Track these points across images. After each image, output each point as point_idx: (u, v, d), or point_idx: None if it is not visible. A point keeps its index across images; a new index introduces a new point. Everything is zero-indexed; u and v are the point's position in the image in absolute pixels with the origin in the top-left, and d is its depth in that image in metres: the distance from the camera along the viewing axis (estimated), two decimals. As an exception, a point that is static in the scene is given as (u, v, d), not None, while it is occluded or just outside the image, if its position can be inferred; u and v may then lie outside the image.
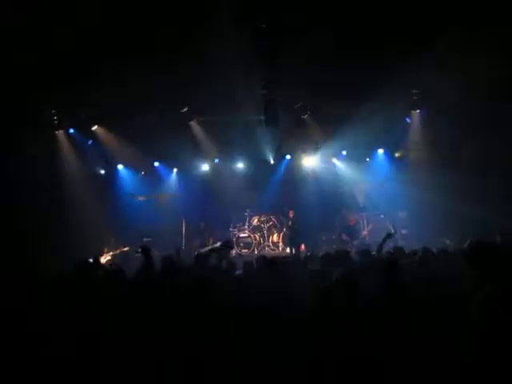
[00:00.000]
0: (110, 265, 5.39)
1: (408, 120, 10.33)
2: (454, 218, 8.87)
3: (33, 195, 9.29)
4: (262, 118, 8.58)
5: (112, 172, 11.90)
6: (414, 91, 9.14)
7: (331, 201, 11.41)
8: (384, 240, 5.55)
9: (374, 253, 5.45)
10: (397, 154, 11.65)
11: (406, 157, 11.42)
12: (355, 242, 10.63)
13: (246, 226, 11.82)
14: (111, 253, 9.44)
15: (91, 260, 5.10)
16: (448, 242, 6.37)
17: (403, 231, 10.92)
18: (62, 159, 10.20)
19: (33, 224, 8.98)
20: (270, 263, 4.44)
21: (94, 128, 9.76)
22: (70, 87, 7.92)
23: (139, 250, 4.46)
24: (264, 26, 6.17)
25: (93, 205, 10.37)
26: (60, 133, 9.99)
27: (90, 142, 10.42)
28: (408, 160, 11.22)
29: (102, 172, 11.84)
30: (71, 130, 9.92)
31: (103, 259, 9.21)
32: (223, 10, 5.83)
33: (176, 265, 4.83)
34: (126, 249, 9.51)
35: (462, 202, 8.64)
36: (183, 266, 4.94)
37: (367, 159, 11.96)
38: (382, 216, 11.09)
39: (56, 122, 9.61)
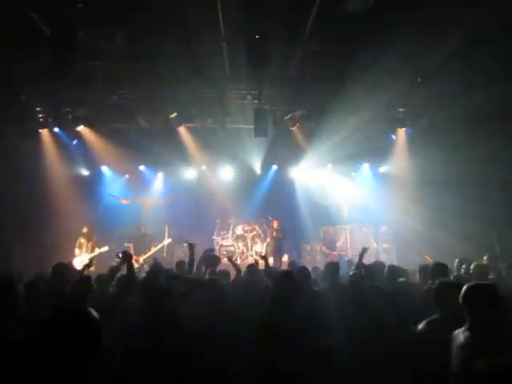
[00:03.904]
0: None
1: (393, 137, 10.51)
2: (436, 234, 9.03)
3: (14, 195, 9.10)
4: (252, 127, 8.60)
5: (96, 174, 11.72)
6: (400, 109, 9.32)
7: (316, 212, 11.49)
8: (361, 255, 5.63)
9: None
10: (381, 170, 11.83)
11: (389, 172, 11.60)
12: (335, 253, 10.75)
13: (230, 235, 11.76)
14: (89, 254, 9.10)
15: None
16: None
17: (385, 245, 11.08)
18: (45, 159, 10.02)
19: (13, 225, 8.78)
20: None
21: (79, 128, 9.60)
22: (57, 85, 7.80)
23: (120, 256, 4.38)
24: (257, 36, 6.21)
25: (75, 206, 10.21)
26: (44, 131, 9.81)
27: (74, 142, 10.26)
28: (391, 176, 11.40)
29: (86, 173, 11.65)
30: (56, 129, 9.75)
31: (79, 261, 8.90)
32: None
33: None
34: (105, 249, 9.24)
35: (444, 220, 8.81)
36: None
37: (352, 173, 12.11)
38: (365, 229, 11.22)
39: (41, 119, 9.43)
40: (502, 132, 8.06)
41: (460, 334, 2.27)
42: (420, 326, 2.79)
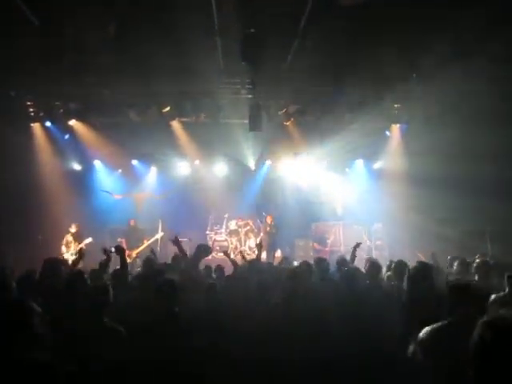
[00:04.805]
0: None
1: (387, 133, 10.54)
2: (429, 231, 9.09)
3: (5, 190, 9.00)
4: (246, 122, 8.56)
5: (88, 168, 11.62)
6: (396, 105, 9.33)
7: (309, 208, 11.51)
8: (353, 250, 5.63)
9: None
10: (375, 166, 11.87)
11: (383, 169, 11.64)
12: (327, 249, 10.80)
13: (223, 230, 11.75)
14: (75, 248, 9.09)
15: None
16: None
17: (378, 242, 11.13)
18: (37, 153, 9.91)
19: (4, 221, 8.68)
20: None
21: (72, 122, 9.50)
22: (49, 78, 7.70)
23: (113, 250, 4.35)
24: (252, 30, 6.17)
25: (67, 201, 10.12)
26: (36, 125, 9.69)
27: (66, 137, 10.16)
28: (385, 172, 11.45)
29: (78, 168, 11.55)
30: (48, 123, 9.63)
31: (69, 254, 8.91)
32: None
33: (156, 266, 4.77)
34: (88, 241, 9.21)
35: (438, 217, 8.87)
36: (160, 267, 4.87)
37: (346, 169, 12.14)
38: (359, 226, 11.25)
39: (32, 113, 9.31)
40: (498, 129, 8.11)
41: None
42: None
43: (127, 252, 9.14)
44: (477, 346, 1.26)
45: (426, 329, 2.39)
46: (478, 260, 4.47)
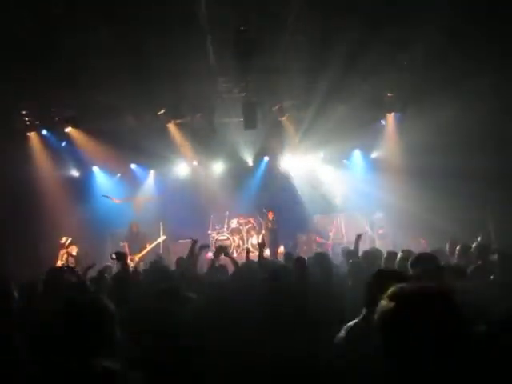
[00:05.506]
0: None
1: (383, 122, 10.52)
2: (430, 217, 9.09)
3: (5, 200, 9.00)
4: (242, 120, 8.56)
5: (87, 174, 11.62)
6: (389, 94, 9.30)
7: (309, 202, 11.51)
8: (356, 242, 5.60)
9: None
10: (373, 156, 11.85)
11: (380, 158, 11.62)
12: (330, 242, 10.81)
13: (225, 229, 11.76)
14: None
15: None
16: None
17: (380, 231, 11.12)
18: (35, 162, 9.90)
19: (5, 230, 8.69)
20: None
21: (68, 129, 9.49)
22: (43, 86, 7.68)
23: (114, 256, 4.34)
24: (243, 28, 6.15)
25: (67, 208, 10.13)
26: (32, 134, 9.68)
27: (63, 144, 10.16)
28: (383, 161, 11.43)
29: (77, 174, 11.55)
30: (44, 132, 9.63)
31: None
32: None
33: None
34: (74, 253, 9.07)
35: (438, 203, 8.86)
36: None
37: (344, 161, 12.12)
38: (359, 216, 11.25)
39: (27, 123, 9.30)
40: (492, 117, 8.08)
41: None
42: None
43: (130, 256, 9.17)
44: (381, 319, 1.23)
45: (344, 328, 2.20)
46: (474, 244, 4.41)
